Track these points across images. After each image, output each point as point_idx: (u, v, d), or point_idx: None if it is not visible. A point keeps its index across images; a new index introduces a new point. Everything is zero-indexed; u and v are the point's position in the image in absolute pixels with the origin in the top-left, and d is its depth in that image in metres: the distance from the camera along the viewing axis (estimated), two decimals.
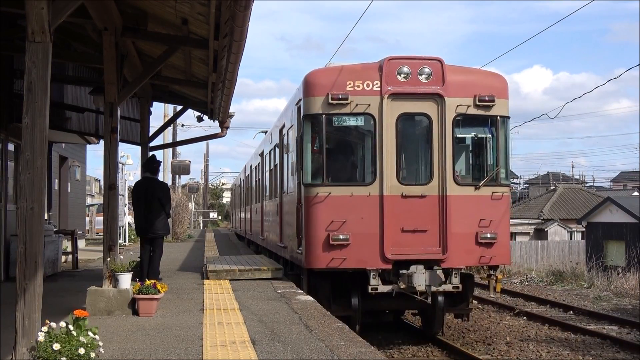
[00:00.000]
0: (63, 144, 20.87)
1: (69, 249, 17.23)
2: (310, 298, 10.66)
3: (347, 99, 10.85)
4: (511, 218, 52.25)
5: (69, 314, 5.79)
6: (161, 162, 13.28)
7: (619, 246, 33.49)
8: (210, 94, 13.23)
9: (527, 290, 21.00)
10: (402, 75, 10.97)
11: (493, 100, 11.09)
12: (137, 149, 15.14)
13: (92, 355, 5.53)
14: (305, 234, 11.21)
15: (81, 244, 21.92)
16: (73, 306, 7.14)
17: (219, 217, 79.46)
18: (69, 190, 22.30)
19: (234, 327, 8.16)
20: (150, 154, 13.99)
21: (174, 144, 33.11)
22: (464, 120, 11.26)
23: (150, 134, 15.27)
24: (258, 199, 20.51)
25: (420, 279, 10.43)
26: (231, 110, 15.40)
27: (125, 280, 9.19)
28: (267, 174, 17.80)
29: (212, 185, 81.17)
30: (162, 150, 34.90)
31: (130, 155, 26.77)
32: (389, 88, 10.92)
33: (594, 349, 12.16)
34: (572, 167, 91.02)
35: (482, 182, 11.14)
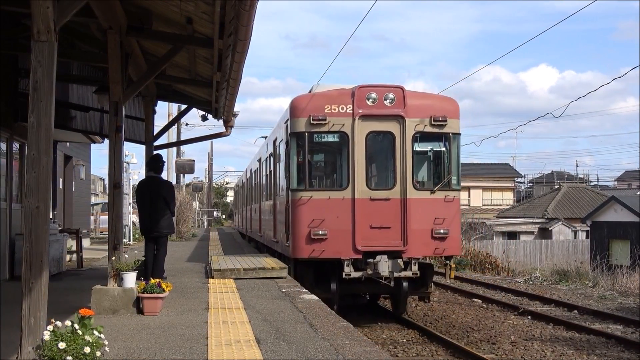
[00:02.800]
0: (67, 143, 20.91)
1: (74, 248, 17.25)
2: (314, 297, 10.72)
3: (325, 119, 12.90)
4: (515, 217, 52.29)
5: (74, 312, 5.79)
6: (165, 161, 13.28)
7: (623, 245, 33.44)
8: (215, 93, 13.23)
9: (532, 289, 20.96)
10: (370, 100, 13.00)
11: (446, 121, 13.15)
12: (142, 148, 15.15)
13: (98, 354, 5.54)
14: (291, 230, 13.25)
15: (85, 243, 21.97)
16: (78, 305, 7.15)
17: (223, 216, 79.51)
18: (73, 189, 22.33)
19: (239, 326, 8.16)
20: (155, 152, 13.98)
21: (178, 143, 33.12)
22: (421, 137, 13.31)
23: (155, 133, 15.26)
24: (257, 200, 22.64)
25: (384, 266, 12.54)
26: (236, 109, 15.45)
27: (130, 279, 9.20)
28: (264, 178, 19.89)
29: (216, 184, 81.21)
30: (166, 149, 34.95)
31: (134, 154, 26.81)
32: (360, 111, 12.95)
33: (599, 349, 12.13)
34: (577, 166, 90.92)
35: (437, 187, 13.17)
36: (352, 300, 15.14)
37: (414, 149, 13.12)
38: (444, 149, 13.35)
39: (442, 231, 12.89)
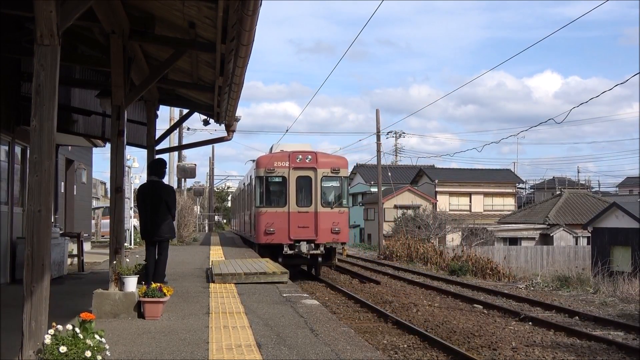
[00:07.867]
0: (69, 147, 20.91)
1: (75, 252, 17.24)
2: (316, 302, 10.72)
3: (274, 170, 23.36)
4: (516, 223, 52.02)
5: (75, 316, 5.79)
6: (167, 165, 13.27)
7: (624, 252, 33.39)
8: (217, 98, 13.24)
9: (533, 295, 20.94)
10: (298, 159, 23.42)
11: (339, 170, 23.72)
12: (144, 152, 15.16)
13: (99, 358, 5.53)
14: (256, 228, 23.44)
15: (87, 246, 21.96)
16: (79, 309, 7.15)
17: (225, 221, 79.49)
18: (75, 193, 22.33)
19: (240, 330, 8.16)
20: (157, 157, 13.96)
21: (180, 147, 33.13)
22: (326, 179, 23.48)
23: (157, 137, 15.25)
24: (242, 210, 33.23)
25: (304, 247, 22.55)
26: (239, 113, 15.61)
27: (131, 283, 9.19)
28: (247, 196, 29.71)
29: (217, 189, 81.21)
30: (168, 154, 34.95)
31: (136, 158, 26.90)
32: (292, 165, 23.35)
33: (600, 355, 12.11)
34: (578, 172, 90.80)
35: (334, 206, 23.38)
36: (292, 269, 22.27)
37: (322, 185, 23.29)
38: (338, 185, 23.71)
39: (337, 229, 23.06)
